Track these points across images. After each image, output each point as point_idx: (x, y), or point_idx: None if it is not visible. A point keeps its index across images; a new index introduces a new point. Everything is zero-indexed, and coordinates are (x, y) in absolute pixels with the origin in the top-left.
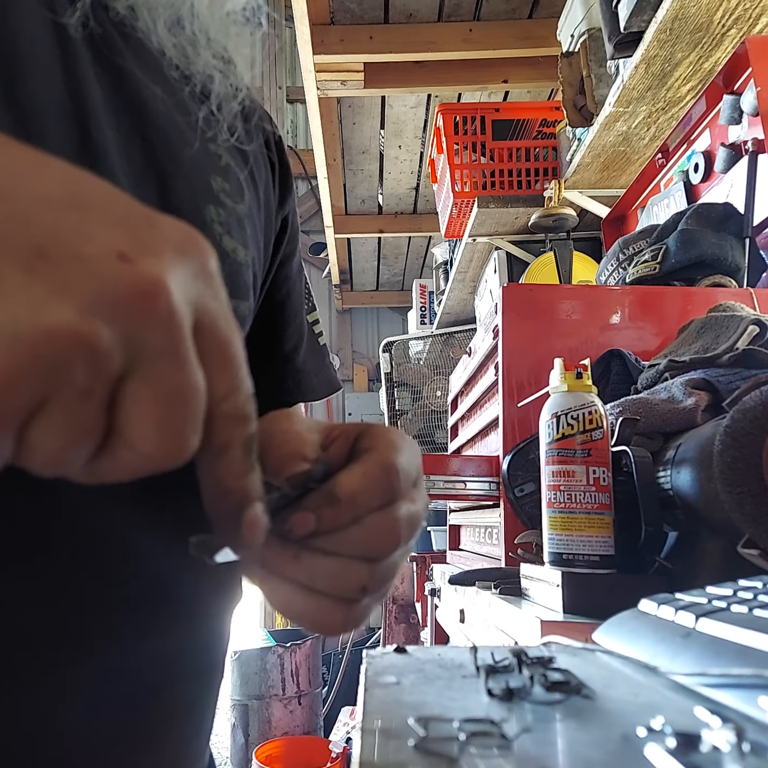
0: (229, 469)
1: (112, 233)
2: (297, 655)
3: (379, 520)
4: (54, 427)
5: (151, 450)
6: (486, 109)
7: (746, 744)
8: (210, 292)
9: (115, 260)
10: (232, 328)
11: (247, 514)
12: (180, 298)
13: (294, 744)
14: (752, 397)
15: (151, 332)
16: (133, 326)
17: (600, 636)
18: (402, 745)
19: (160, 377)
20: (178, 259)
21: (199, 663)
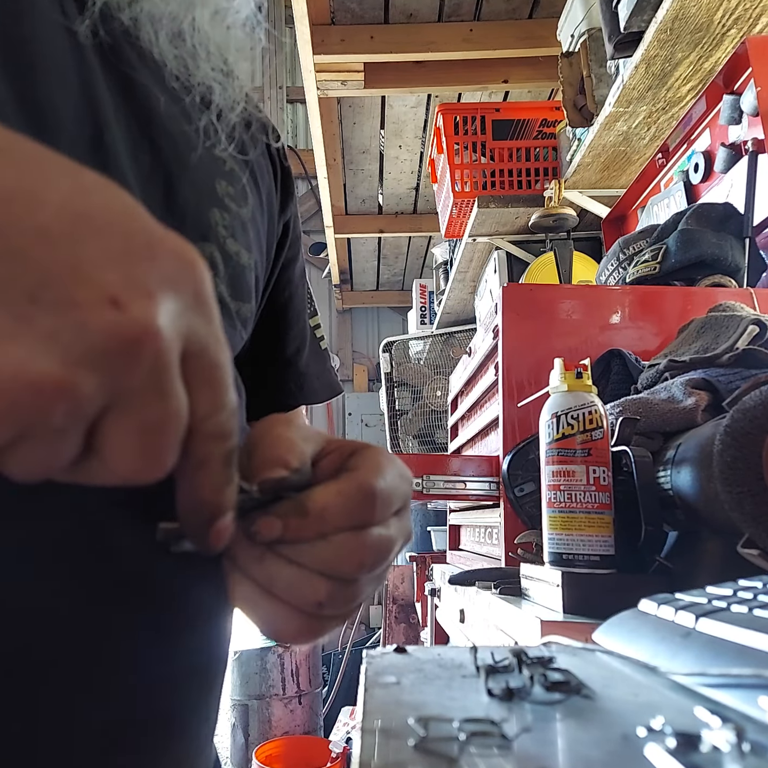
0: (207, 482)
1: (106, 274)
2: (297, 654)
3: (346, 540)
4: (29, 454)
5: (125, 471)
6: (486, 109)
7: (746, 744)
8: (202, 320)
9: (107, 307)
10: (220, 351)
11: (216, 523)
12: (169, 335)
13: (294, 744)
14: (752, 396)
15: (137, 375)
16: (120, 372)
17: (600, 636)
18: (402, 745)
19: (141, 411)
20: (171, 294)
21: (201, 661)
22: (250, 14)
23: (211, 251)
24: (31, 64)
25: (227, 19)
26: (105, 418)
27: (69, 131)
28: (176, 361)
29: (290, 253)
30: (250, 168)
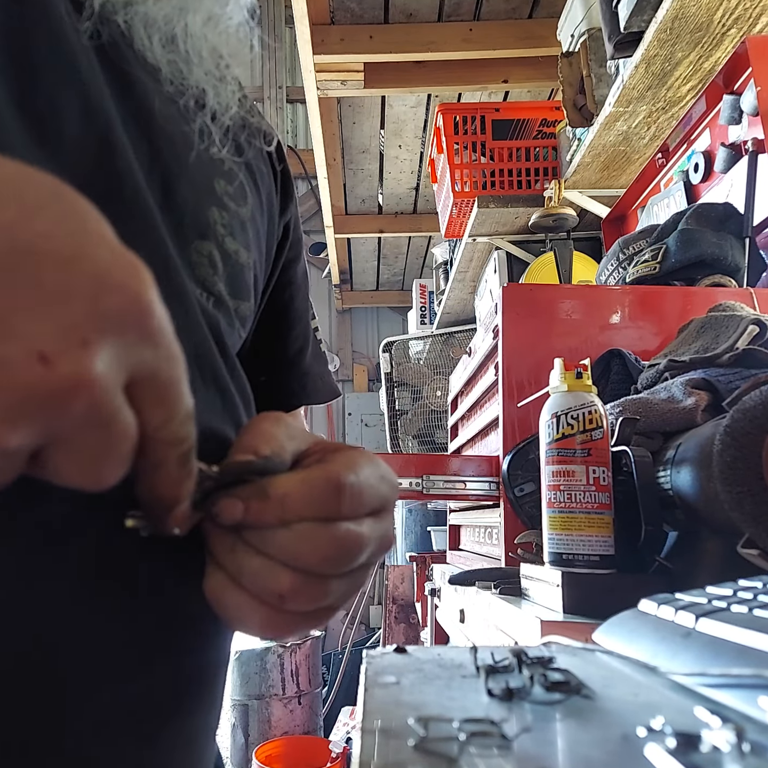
0: (163, 481)
1: (36, 325)
2: (297, 655)
3: (308, 530)
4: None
5: (74, 483)
6: (486, 108)
7: (746, 744)
8: (149, 348)
9: (36, 364)
10: (172, 368)
11: (174, 512)
12: (106, 378)
13: (294, 744)
14: (752, 396)
15: (71, 420)
16: (52, 420)
17: (600, 636)
18: (402, 745)
19: (82, 444)
20: (111, 336)
21: (203, 661)
22: (243, 21)
23: (210, 249)
24: (35, 65)
25: (220, 25)
26: (46, 449)
27: (75, 133)
28: (117, 395)
29: (291, 254)
30: (249, 169)
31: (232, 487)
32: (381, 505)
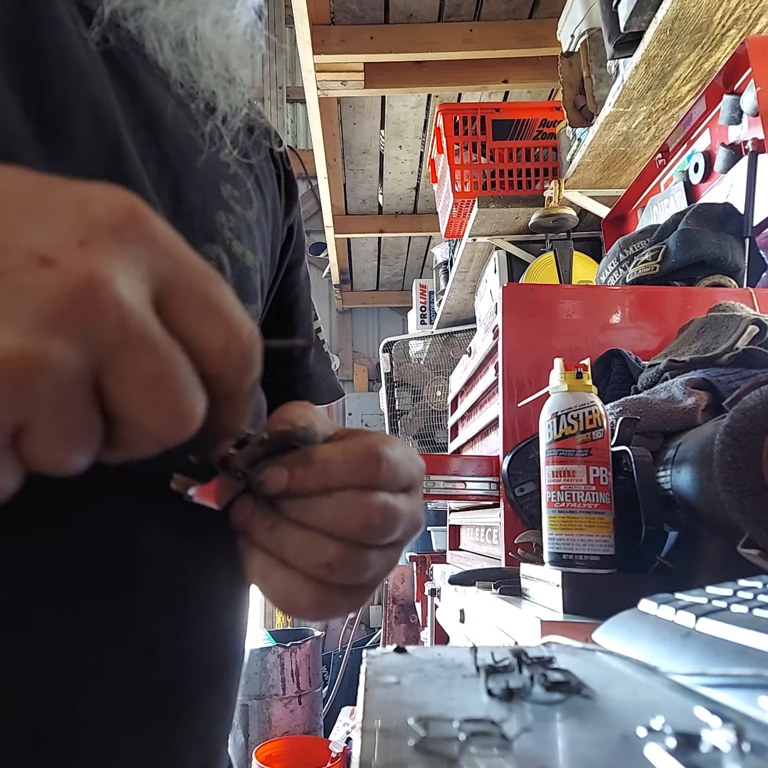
0: (231, 415)
1: (30, 234)
2: (297, 654)
3: (351, 497)
4: (44, 439)
5: (157, 429)
6: (486, 109)
7: (746, 744)
8: (164, 258)
9: (38, 267)
10: (205, 276)
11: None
12: (125, 283)
13: (294, 744)
14: (752, 396)
15: (104, 329)
16: (83, 329)
17: (600, 636)
18: (402, 745)
19: (132, 367)
20: (112, 242)
21: (214, 662)
22: (251, 22)
23: (218, 253)
24: (44, 73)
25: (228, 28)
26: (104, 381)
27: (85, 141)
28: (148, 306)
29: (294, 256)
30: (254, 172)
31: (273, 457)
32: (411, 483)
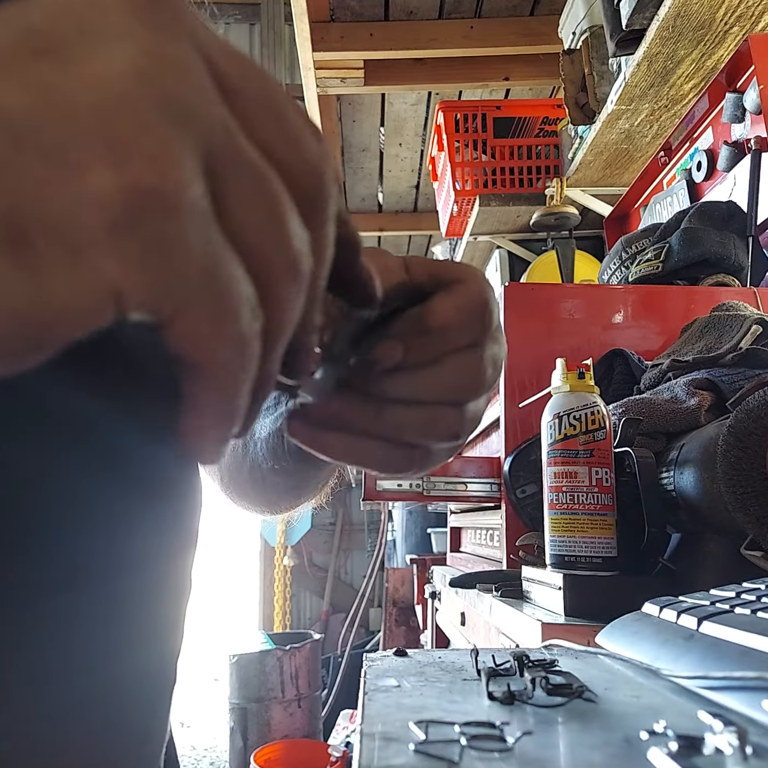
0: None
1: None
2: (296, 658)
3: (467, 359)
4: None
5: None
6: (487, 106)
7: (749, 747)
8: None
9: (107, 168)
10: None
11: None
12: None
13: (293, 747)
14: (756, 397)
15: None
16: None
17: (602, 639)
18: (402, 749)
19: (248, 183)
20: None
21: (142, 663)
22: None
23: None
24: None
25: None
26: (224, 195)
27: None
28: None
29: None
30: None
31: (374, 330)
32: (498, 313)
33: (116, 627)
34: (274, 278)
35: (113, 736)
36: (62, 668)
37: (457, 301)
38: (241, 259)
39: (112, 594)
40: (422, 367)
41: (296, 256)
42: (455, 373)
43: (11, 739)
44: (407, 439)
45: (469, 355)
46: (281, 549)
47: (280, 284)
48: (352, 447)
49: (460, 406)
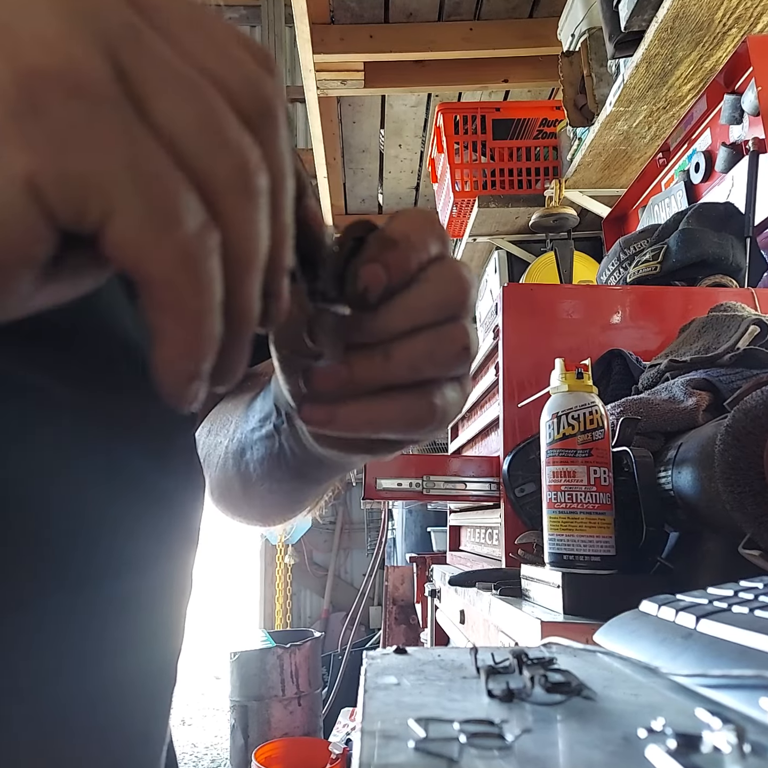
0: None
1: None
2: (297, 656)
3: (443, 269)
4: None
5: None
6: (486, 108)
7: (747, 745)
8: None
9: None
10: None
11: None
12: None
13: (294, 745)
14: (753, 396)
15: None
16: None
17: (601, 637)
18: (402, 746)
19: (156, 60)
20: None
21: (143, 662)
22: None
23: None
24: None
25: None
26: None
27: None
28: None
29: None
30: None
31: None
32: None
33: (118, 627)
34: (220, 186)
35: (114, 736)
36: (63, 668)
37: (406, 215)
38: (175, 161)
39: (115, 594)
40: (408, 287)
41: (243, 164)
42: (439, 284)
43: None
44: (423, 373)
45: (443, 265)
46: (282, 547)
47: (229, 195)
48: (371, 411)
49: (458, 321)
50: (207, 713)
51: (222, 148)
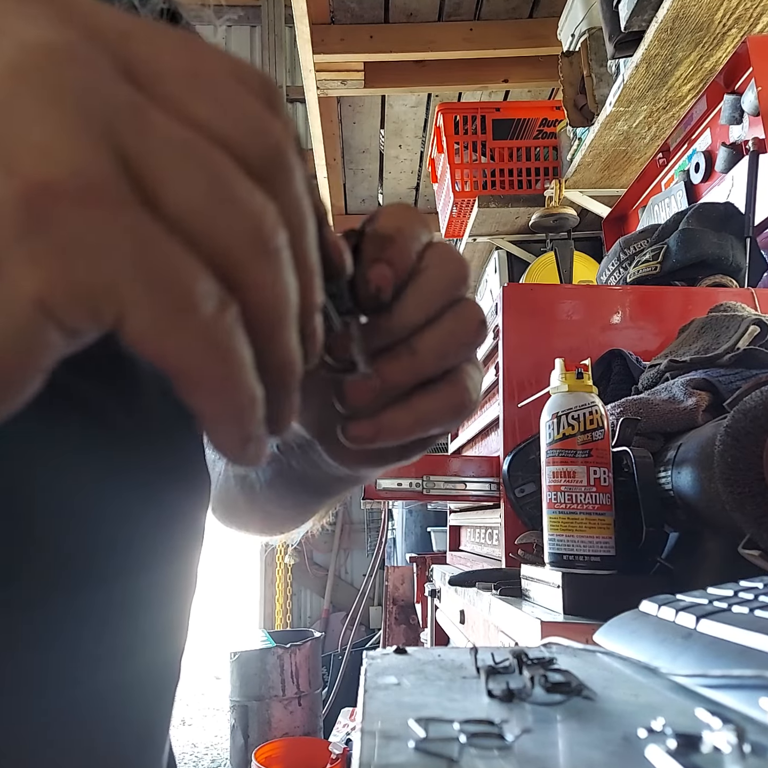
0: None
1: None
2: (297, 656)
3: (438, 251)
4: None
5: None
6: (486, 108)
7: (747, 745)
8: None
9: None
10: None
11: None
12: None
13: (294, 745)
14: (753, 397)
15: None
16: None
17: (600, 637)
18: (402, 747)
19: (156, 133)
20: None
21: (148, 662)
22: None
23: None
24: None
25: None
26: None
27: None
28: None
29: None
30: None
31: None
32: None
33: (128, 626)
34: (237, 257)
35: (120, 733)
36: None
37: (389, 211)
38: (187, 247)
39: (121, 593)
40: (413, 279)
41: (258, 227)
42: (439, 267)
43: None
44: (449, 359)
45: (435, 249)
46: (282, 548)
47: (248, 263)
48: (415, 412)
49: (464, 298)
50: (207, 713)
51: (235, 216)
